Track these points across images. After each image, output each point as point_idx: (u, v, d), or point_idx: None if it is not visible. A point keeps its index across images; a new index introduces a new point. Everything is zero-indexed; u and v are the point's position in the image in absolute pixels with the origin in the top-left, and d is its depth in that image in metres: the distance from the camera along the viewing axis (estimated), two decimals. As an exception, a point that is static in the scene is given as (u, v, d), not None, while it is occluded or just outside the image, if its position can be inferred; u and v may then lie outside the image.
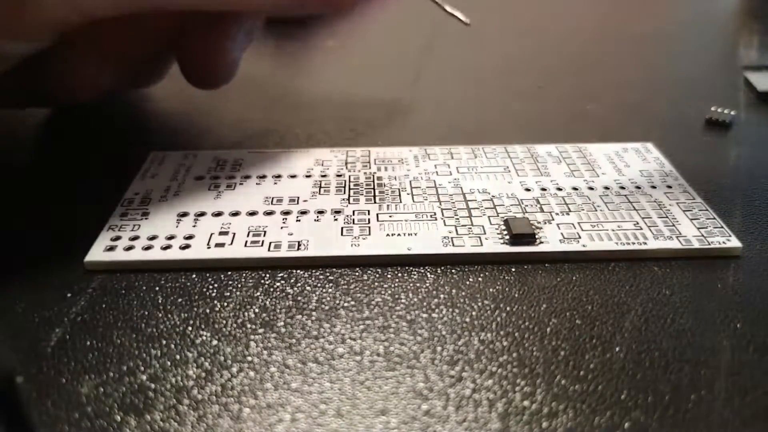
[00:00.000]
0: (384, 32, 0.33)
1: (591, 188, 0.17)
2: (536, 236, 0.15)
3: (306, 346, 0.12)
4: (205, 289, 0.14)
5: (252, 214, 0.16)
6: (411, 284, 0.14)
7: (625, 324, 0.13)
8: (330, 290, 0.14)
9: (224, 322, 0.13)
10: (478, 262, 0.14)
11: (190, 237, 0.15)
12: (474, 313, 0.13)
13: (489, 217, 0.16)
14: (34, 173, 0.18)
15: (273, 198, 0.16)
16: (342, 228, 0.15)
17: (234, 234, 0.15)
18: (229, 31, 0.18)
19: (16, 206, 0.17)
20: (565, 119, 0.22)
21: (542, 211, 0.16)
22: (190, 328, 0.13)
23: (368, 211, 0.16)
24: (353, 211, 0.16)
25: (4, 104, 0.19)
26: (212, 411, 0.11)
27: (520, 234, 0.15)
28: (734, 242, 0.15)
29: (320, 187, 0.17)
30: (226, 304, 0.13)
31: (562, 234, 0.15)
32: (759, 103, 0.23)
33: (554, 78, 0.25)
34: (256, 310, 0.13)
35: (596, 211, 0.16)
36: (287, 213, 0.16)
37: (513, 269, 0.14)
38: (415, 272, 0.14)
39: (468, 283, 0.14)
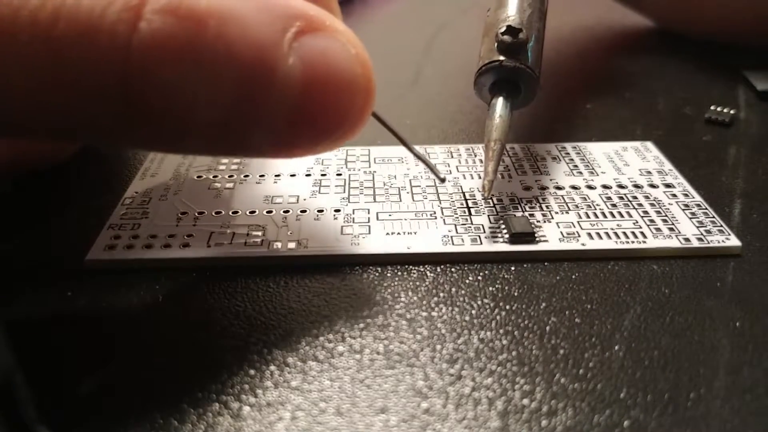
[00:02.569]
0: (384, 32, 0.33)
1: (590, 187, 0.17)
2: (536, 235, 0.15)
3: (306, 345, 0.12)
4: (204, 288, 0.14)
5: (252, 212, 0.16)
6: (411, 283, 0.14)
7: (625, 323, 0.13)
8: (329, 289, 0.14)
9: (224, 320, 0.13)
10: (477, 261, 0.14)
11: (190, 236, 0.15)
12: (473, 311, 0.13)
13: (489, 216, 0.16)
14: (34, 172, 0.18)
15: (273, 197, 0.16)
16: (342, 227, 0.15)
17: (234, 233, 0.15)
18: None
19: (17, 205, 0.17)
20: (564, 118, 0.22)
21: (542, 209, 0.16)
22: (189, 327, 0.13)
23: (368, 209, 0.16)
24: (353, 210, 0.16)
25: None
26: (212, 409, 0.11)
27: (520, 233, 0.15)
28: (733, 241, 0.15)
29: (320, 185, 0.17)
30: (226, 302, 0.13)
31: (561, 233, 0.15)
32: (758, 102, 0.23)
33: (554, 77, 0.25)
34: (256, 308, 0.13)
35: (595, 209, 0.16)
36: (287, 212, 0.16)
37: (512, 268, 0.14)
38: (415, 271, 0.14)
39: (467, 281, 0.14)
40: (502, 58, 0.16)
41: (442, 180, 0.15)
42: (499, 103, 0.16)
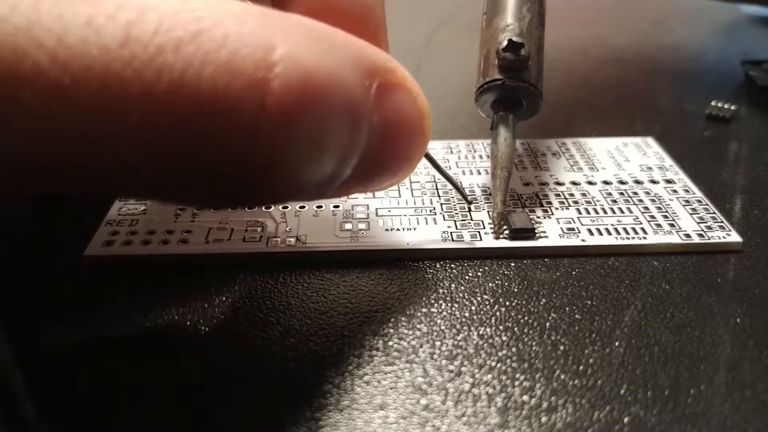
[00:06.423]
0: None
1: (591, 183, 0.17)
2: (536, 231, 0.15)
3: (305, 341, 0.12)
4: (203, 284, 0.14)
5: (250, 208, 0.16)
6: (410, 279, 0.14)
7: (625, 319, 0.13)
8: (328, 285, 0.13)
9: (222, 316, 0.13)
10: (477, 257, 0.14)
11: (188, 232, 0.15)
12: (473, 307, 0.13)
13: (488, 212, 0.16)
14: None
15: (272, 193, 0.16)
16: (340, 223, 0.15)
17: (232, 229, 0.15)
18: None
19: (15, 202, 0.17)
20: (565, 114, 0.22)
21: (542, 205, 0.16)
22: (188, 323, 0.13)
23: (367, 206, 0.16)
24: (352, 206, 0.16)
25: None
26: (211, 406, 0.11)
27: (520, 229, 0.15)
28: (734, 237, 0.15)
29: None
30: (224, 298, 0.13)
31: (561, 229, 0.15)
32: (759, 97, 0.23)
33: (554, 73, 0.25)
34: (255, 305, 0.13)
35: (596, 205, 0.16)
36: (285, 208, 0.16)
37: (512, 264, 0.14)
38: (414, 267, 0.14)
39: (467, 277, 0.14)
40: (503, 76, 0.16)
41: (470, 202, 0.15)
42: (503, 126, 0.16)
